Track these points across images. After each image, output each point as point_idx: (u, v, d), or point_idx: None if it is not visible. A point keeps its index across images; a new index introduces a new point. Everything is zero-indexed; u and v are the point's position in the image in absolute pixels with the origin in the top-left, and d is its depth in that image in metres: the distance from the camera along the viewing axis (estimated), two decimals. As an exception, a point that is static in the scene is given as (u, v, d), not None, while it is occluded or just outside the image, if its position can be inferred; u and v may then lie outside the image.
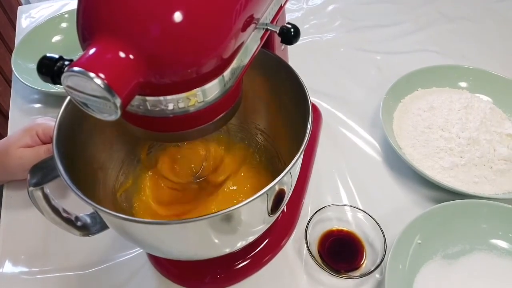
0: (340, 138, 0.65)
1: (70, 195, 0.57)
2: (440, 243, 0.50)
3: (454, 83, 0.69)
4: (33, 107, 0.73)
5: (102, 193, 0.45)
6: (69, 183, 0.33)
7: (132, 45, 0.24)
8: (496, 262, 0.49)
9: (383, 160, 0.62)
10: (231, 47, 0.28)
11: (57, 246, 0.53)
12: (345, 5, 0.93)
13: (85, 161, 0.42)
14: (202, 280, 0.49)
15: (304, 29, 0.87)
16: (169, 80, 0.26)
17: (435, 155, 0.57)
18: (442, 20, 0.87)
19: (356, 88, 0.73)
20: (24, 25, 0.93)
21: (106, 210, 0.31)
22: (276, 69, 0.44)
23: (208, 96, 0.29)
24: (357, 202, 0.56)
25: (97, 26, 0.25)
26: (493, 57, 0.78)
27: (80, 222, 0.40)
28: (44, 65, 0.25)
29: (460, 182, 0.55)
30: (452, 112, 0.61)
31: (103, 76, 0.22)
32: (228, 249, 0.41)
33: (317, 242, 0.50)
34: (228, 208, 0.31)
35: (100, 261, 0.52)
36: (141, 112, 0.28)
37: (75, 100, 0.24)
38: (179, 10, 0.24)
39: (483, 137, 0.57)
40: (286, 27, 0.33)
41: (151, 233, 0.36)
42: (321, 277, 0.49)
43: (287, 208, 0.55)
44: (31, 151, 0.54)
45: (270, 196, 0.35)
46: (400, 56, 0.79)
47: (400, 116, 0.64)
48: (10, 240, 0.55)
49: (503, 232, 0.50)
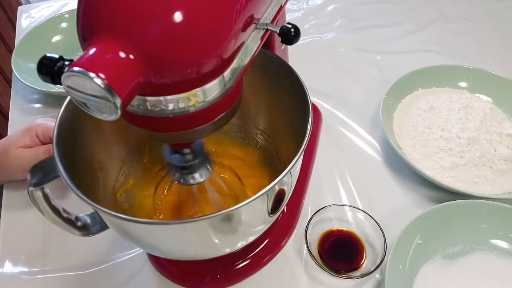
0: (340, 138, 0.65)
1: (70, 195, 0.57)
2: (440, 243, 0.50)
3: (454, 83, 0.69)
4: (33, 107, 0.73)
5: (102, 193, 0.45)
6: (69, 183, 0.33)
7: (132, 45, 0.24)
8: (496, 262, 0.49)
9: (383, 160, 0.62)
10: (231, 47, 0.28)
11: (57, 246, 0.53)
12: (345, 5, 0.93)
13: (85, 161, 0.42)
14: (202, 280, 0.49)
15: (304, 29, 0.87)
16: (169, 80, 0.26)
17: (435, 155, 0.57)
18: (442, 20, 0.87)
19: (356, 88, 0.73)
20: (24, 25, 0.93)
21: (106, 210, 0.31)
22: (276, 69, 0.44)
23: (208, 96, 0.29)
24: (357, 202, 0.56)
25: (97, 26, 0.25)
26: (493, 57, 0.78)
27: (80, 222, 0.40)
28: (44, 65, 0.25)
29: (460, 182, 0.55)
30: (452, 112, 0.61)
31: (103, 76, 0.22)
32: (228, 249, 0.41)
33: (317, 242, 0.50)
34: (228, 208, 0.31)
35: (100, 261, 0.52)
36: (141, 112, 0.28)
37: (75, 100, 0.24)
38: (180, 10, 0.24)
39: (483, 137, 0.57)
40: (286, 27, 0.33)
41: (151, 233, 0.36)
42: (321, 277, 0.49)
43: (287, 208, 0.55)
44: (30, 151, 0.54)
45: (270, 196, 0.35)
46: (400, 56, 0.79)
47: (400, 116, 0.64)
48: (10, 240, 0.55)
49: (503, 232, 0.50)
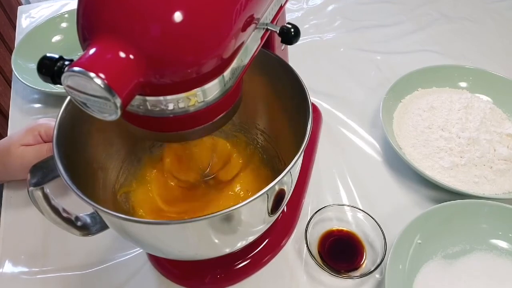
0: (340, 138, 0.65)
1: (70, 195, 0.56)
2: (440, 243, 0.50)
3: (454, 83, 0.69)
4: (33, 107, 0.73)
5: (102, 193, 0.45)
6: (69, 183, 0.33)
7: (132, 45, 0.24)
8: (496, 262, 0.49)
9: (383, 160, 0.62)
10: (231, 47, 0.28)
11: (57, 246, 0.53)
12: (345, 5, 0.93)
13: (85, 161, 0.42)
14: (202, 280, 0.49)
15: (304, 29, 0.87)
16: (169, 80, 0.26)
17: (435, 155, 0.57)
18: (442, 20, 0.87)
19: (356, 88, 0.73)
20: (24, 25, 0.93)
21: (106, 210, 0.31)
22: (276, 69, 0.44)
23: (208, 96, 0.29)
24: (357, 202, 0.56)
25: (97, 26, 0.25)
26: (493, 57, 0.78)
27: (80, 222, 0.40)
28: (44, 65, 0.25)
29: (460, 182, 0.55)
30: (452, 112, 0.61)
31: (103, 76, 0.22)
32: (228, 249, 0.41)
33: (317, 242, 0.50)
34: (228, 208, 0.31)
35: (100, 261, 0.52)
36: (141, 112, 0.28)
37: (75, 100, 0.24)
38: (179, 10, 0.24)
39: (483, 137, 0.57)
40: (286, 27, 0.33)
41: (151, 233, 0.36)
42: (321, 277, 0.49)
43: (287, 208, 0.55)
44: (33, 149, 0.54)
45: (270, 196, 0.35)
46: (400, 56, 0.79)
47: (400, 116, 0.64)
48: (10, 240, 0.55)
49: (503, 232, 0.50)
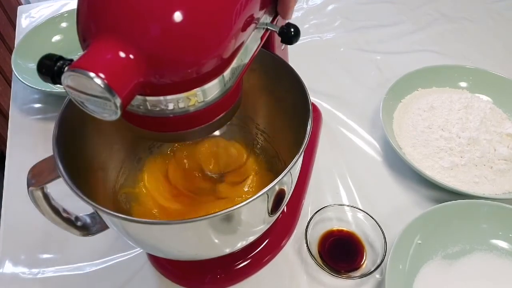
0: (340, 138, 0.65)
1: (70, 195, 0.56)
2: (440, 243, 0.50)
3: (454, 83, 0.69)
4: (33, 107, 0.73)
5: (102, 193, 0.45)
6: (69, 183, 0.33)
7: (132, 45, 0.24)
8: (496, 262, 0.49)
9: (383, 160, 0.62)
10: (231, 46, 0.28)
11: (57, 246, 0.53)
12: (345, 5, 0.93)
13: (85, 161, 0.42)
14: (202, 280, 0.49)
15: (304, 29, 0.87)
16: (169, 79, 0.26)
17: (435, 155, 0.57)
18: (442, 20, 0.87)
19: (356, 88, 0.73)
20: (24, 25, 0.93)
21: (106, 210, 0.31)
22: (276, 69, 0.44)
23: (208, 96, 0.29)
24: (357, 202, 0.56)
25: (97, 26, 0.25)
26: (493, 57, 0.78)
27: (80, 222, 0.40)
28: (44, 65, 0.25)
29: (460, 182, 0.55)
30: (452, 112, 0.61)
31: (103, 76, 0.22)
32: (228, 249, 0.41)
33: (317, 242, 0.50)
34: (228, 208, 0.31)
35: (100, 261, 0.52)
36: (141, 112, 0.28)
37: (75, 100, 0.24)
38: (179, 9, 0.24)
39: (483, 137, 0.57)
40: (286, 27, 0.33)
41: (151, 233, 0.36)
42: (321, 277, 0.49)
43: (287, 208, 0.55)
44: None
45: (270, 196, 0.35)
46: (400, 56, 0.79)
47: (400, 116, 0.64)
48: (10, 240, 0.55)
49: (503, 232, 0.50)
